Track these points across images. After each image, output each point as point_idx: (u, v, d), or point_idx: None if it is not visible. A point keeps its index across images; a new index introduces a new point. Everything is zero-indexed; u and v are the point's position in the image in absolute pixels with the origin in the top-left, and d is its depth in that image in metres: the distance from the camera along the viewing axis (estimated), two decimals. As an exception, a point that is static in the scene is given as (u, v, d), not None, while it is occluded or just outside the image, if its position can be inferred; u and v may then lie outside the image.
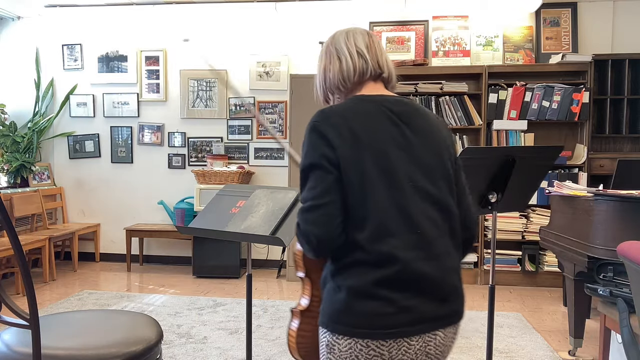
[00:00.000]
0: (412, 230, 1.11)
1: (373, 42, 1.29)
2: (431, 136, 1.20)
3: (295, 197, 1.91)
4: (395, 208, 1.11)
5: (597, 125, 4.66)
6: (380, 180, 1.11)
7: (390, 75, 1.31)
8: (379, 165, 1.12)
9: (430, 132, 1.21)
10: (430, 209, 1.14)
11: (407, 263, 1.09)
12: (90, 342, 1.40)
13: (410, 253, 1.10)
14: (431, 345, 1.12)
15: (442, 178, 1.18)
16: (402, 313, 1.08)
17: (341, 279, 1.12)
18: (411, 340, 1.09)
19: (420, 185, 1.14)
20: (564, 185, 3.04)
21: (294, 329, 1.29)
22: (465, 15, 4.89)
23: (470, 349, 3.09)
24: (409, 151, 1.16)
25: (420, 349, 1.11)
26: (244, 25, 5.18)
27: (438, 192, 1.16)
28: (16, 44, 5.41)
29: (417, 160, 1.16)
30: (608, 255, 2.52)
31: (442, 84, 4.68)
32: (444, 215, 1.16)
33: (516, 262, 4.58)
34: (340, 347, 1.11)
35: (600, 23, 4.76)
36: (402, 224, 1.11)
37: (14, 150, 5.05)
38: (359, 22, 5.00)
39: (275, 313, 3.73)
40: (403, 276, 1.09)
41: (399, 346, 1.09)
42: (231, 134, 5.26)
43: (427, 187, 1.15)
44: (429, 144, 1.19)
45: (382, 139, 1.14)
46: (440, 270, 1.13)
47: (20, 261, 1.24)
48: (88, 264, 5.30)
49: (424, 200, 1.14)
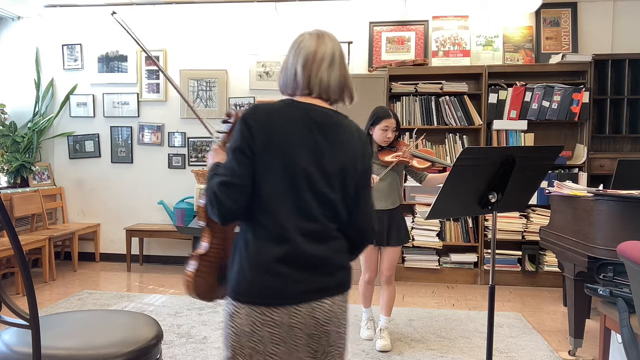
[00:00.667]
0: (303, 220, 1.34)
1: (314, 61, 1.43)
2: (341, 148, 1.40)
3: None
4: (291, 200, 1.33)
5: (597, 125, 4.66)
6: (283, 175, 1.33)
7: (324, 93, 1.44)
8: (284, 163, 1.33)
9: (342, 144, 1.40)
10: (321, 207, 1.36)
11: (297, 245, 1.32)
12: (90, 342, 1.40)
13: (300, 237, 1.33)
14: (318, 311, 1.36)
15: (339, 184, 1.39)
16: (292, 284, 1.32)
17: (245, 254, 1.34)
18: (299, 307, 1.33)
19: (318, 187, 1.35)
20: (564, 185, 3.04)
21: (192, 270, 1.47)
22: (465, 15, 4.89)
23: (470, 349, 3.09)
24: (316, 156, 1.35)
25: (307, 314, 1.34)
26: (244, 25, 5.17)
27: (332, 194, 1.37)
28: (16, 44, 5.41)
29: (321, 165, 1.35)
30: (608, 255, 2.52)
31: (442, 84, 4.68)
32: (331, 214, 1.38)
33: (516, 262, 4.58)
34: (240, 315, 1.33)
35: (600, 23, 4.76)
36: (296, 215, 1.33)
37: (14, 150, 5.05)
38: (359, 22, 5.01)
39: (275, 313, 3.73)
40: (294, 255, 1.32)
41: (288, 312, 1.32)
42: (231, 134, 5.25)
43: (323, 189, 1.36)
44: (337, 155, 1.38)
45: (294, 142, 1.34)
46: (326, 252, 1.37)
47: (20, 261, 1.24)
48: (88, 264, 5.30)
49: (315, 198, 1.35)
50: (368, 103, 3.19)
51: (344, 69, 1.47)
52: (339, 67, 1.45)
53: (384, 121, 2.95)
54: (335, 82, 1.45)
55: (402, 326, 3.49)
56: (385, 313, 3.14)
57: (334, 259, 1.39)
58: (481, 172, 1.99)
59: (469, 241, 4.66)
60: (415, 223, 4.63)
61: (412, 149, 3.02)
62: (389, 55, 4.97)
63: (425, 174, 3.08)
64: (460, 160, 1.90)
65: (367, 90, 4.53)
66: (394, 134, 3.00)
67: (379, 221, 2.97)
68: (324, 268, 1.37)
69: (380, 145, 3.03)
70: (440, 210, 2.05)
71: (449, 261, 4.69)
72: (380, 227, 2.99)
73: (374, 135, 3.00)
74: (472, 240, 4.65)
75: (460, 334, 3.34)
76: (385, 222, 3.00)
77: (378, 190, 2.96)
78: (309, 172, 1.34)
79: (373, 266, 3.12)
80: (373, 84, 4.56)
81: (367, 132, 3.00)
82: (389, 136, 2.97)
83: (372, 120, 3.01)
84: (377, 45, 5.00)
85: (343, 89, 1.47)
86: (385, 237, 3.01)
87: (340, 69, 1.46)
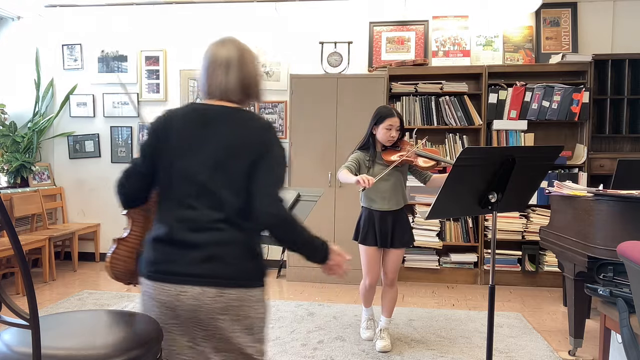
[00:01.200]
0: (182, 209, 1.49)
1: (213, 66, 1.57)
2: (230, 141, 1.50)
3: (295, 197, 1.91)
4: (174, 192, 1.51)
5: (597, 125, 4.66)
6: (170, 170, 1.51)
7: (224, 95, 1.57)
8: (171, 160, 1.51)
9: (232, 137, 1.50)
10: (201, 197, 1.48)
11: (173, 230, 1.48)
12: (90, 342, 1.40)
13: (177, 224, 1.48)
14: (185, 295, 1.45)
15: (224, 174, 1.49)
16: (165, 264, 1.48)
17: (148, 234, 1.58)
18: (166, 286, 1.47)
19: (199, 179, 1.48)
20: (564, 185, 3.04)
21: (110, 254, 1.63)
22: (465, 15, 4.89)
23: (470, 349, 3.09)
24: (202, 150, 1.49)
25: (174, 295, 1.46)
26: (244, 25, 5.17)
27: (213, 185, 1.48)
28: (16, 44, 5.41)
29: (205, 158, 1.49)
30: (608, 255, 2.52)
31: (442, 84, 4.69)
32: (214, 203, 1.48)
33: (516, 262, 4.58)
34: (142, 285, 1.55)
35: (600, 23, 4.76)
36: (176, 204, 1.50)
37: (14, 150, 5.05)
38: (359, 22, 5.01)
39: (275, 313, 3.73)
40: (169, 239, 1.48)
41: (158, 287, 1.48)
42: (231, 134, 5.25)
43: (205, 181, 1.48)
44: (224, 147, 1.49)
45: (184, 140, 1.51)
46: (204, 240, 1.46)
47: (20, 261, 1.24)
48: (88, 264, 5.30)
49: (196, 189, 1.48)
50: (368, 103, 3.19)
51: (244, 72, 1.58)
52: (237, 70, 1.57)
53: (387, 120, 2.88)
54: (234, 85, 1.56)
55: (402, 326, 3.49)
56: (386, 314, 3.13)
57: (212, 249, 1.46)
58: (481, 172, 1.99)
59: (469, 241, 4.66)
60: (415, 223, 4.63)
61: (416, 149, 2.94)
62: (389, 55, 4.97)
63: (430, 174, 3.00)
64: (460, 160, 1.90)
65: (367, 91, 4.53)
66: (398, 133, 2.92)
67: (382, 222, 2.93)
68: (199, 256, 1.45)
69: (384, 145, 2.96)
70: (440, 210, 2.05)
71: (449, 261, 4.69)
72: (384, 229, 2.93)
73: (378, 135, 2.93)
74: (472, 240, 4.65)
75: (460, 334, 3.34)
76: (390, 223, 2.94)
77: (382, 191, 2.92)
78: (192, 166, 1.49)
79: (375, 269, 3.02)
80: (373, 84, 4.56)
81: (370, 132, 2.96)
82: (392, 135, 2.89)
83: (375, 119, 2.93)
84: (377, 45, 5.00)
85: (244, 90, 1.58)
86: (389, 239, 2.94)
87: (239, 72, 1.57)
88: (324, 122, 4.61)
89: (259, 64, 1.66)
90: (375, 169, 2.90)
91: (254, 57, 1.64)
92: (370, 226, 2.95)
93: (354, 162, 2.91)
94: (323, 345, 3.12)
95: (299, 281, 4.69)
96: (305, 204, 1.91)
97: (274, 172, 1.54)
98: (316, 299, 4.14)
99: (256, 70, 1.63)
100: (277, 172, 1.55)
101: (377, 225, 2.94)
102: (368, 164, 2.93)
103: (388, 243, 2.95)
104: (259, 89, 1.65)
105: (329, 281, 4.64)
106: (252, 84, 1.61)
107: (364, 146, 2.99)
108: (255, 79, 1.62)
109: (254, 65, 1.63)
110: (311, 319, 3.61)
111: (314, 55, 4.99)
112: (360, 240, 3.00)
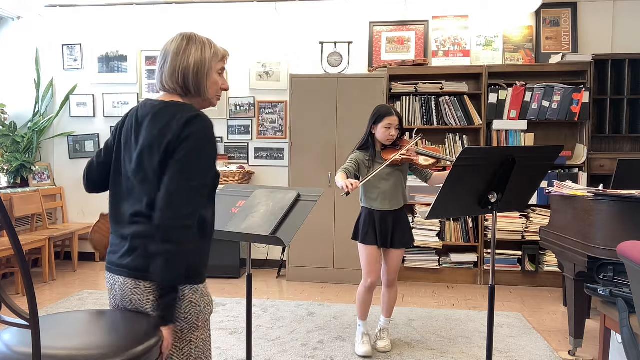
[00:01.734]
0: (118, 201, 1.58)
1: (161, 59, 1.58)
2: (151, 137, 1.49)
3: (295, 197, 1.91)
4: (113, 185, 1.61)
5: (597, 125, 4.66)
6: (116, 165, 1.60)
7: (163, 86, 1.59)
8: (117, 156, 1.60)
9: (153, 133, 1.49)
10: (129, 190, 1.54)
11: (116, 223, 1.58)
12: (90, 342, 1.40)
13: (118, 217, 1.57)
14: (116, 285, 1.55)
15: (143, 171, 1.50)
16: (110, 255, 1.58)
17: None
18: (108, 275, 1.59)
19: (129, 174, 1.54)
20: (564, 185, 3.04)
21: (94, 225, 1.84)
22: (465, 15, 4.89)
23: (470, 349, 3.09)
24: (134, 146, 1.53)
25: (111, 284, 1.57)
26: (244, 25, 5.18)
27: (136, 181, 1.51)
28: (16, 44, 5.40)
29: (133, 154, 1.52)
30: (608, 255, 2.52)
31: (442, 84, 4.69)
32: (137, 199, 1.52)
33: (516, 262, 4.58)
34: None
35: (600, 23, 4.76)
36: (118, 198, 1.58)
37: (14, 150, 5.05)
38: (359, 22, 5.01)
39: (275, 313, 3.73)
40: (115, 230, 1.58)
41: (107, 276, 1.60)
42: (231, 134, 5.26)
43: (131, 176, 1.53)
44: (146, 144, 1.49)
45: (125, 136, 1.58)
46: (123, 232, 1.53)
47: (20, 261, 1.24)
48: (88, 264, 5.30)
49: (128, 184, 1.55)
50: (368, 103, 3.18)
51: (180, 61, 1.54)
52: (171, 60, 1.55)
53: (386, 119, 2.85)
54: (168, 75, 1.56)
55: (402, 326, 3.49)
56: (386, 315, 3.12)
57: (130, 242, 1.50)
58: (481, 172, 1.99)
59: (469, 241, 4.66)
60: (415, 223, 4.63)
61: (416, 147, 2.92)
62: (389, 55, 4.97)
63: (431, 173, 2.99)
64: (460, 160, 1.90)
65: (367, 90, 4.53)
66: (398, 132, 2.89)
67: (383, 222, 2.92)
68: (126, 248, 1.52)
69: (383, 144, 2.94)
70: (440, 210, 2.05)
71: (449, 261, 4.69)
72: (384, 229, 2.92)
73: (377, 134, 2.91)
74: (472, 240, 4.65)
75: (460, 334, 3.34)
76: (390, 223, 2.92)
77: (383, 191, 2.90)
78: (125, 163, 1.56)
79: (375, 269, 2.97)
80: (373, 84, 4.56)
81: (369, 132, 2.94)
82: (392, 134, 2.87)
83: (374, 118, 2.91)
84: (377, 45, 5.00)
85: (179, 80, 1.55)
86: (389, 239, 2.92)
87: (172, 62, 1.55)
88: (324, 122, 4.60)
89: (206, 57, 1.57)
90: (375, 169, 2.90)
91: (200, 49, 1.56)
92: (371, 226, 2.94)
93: (353, 163, 2.89)
94: (323, 345, 3.12)
95: (299, 281, 4.69)
96: (305, 204, 1.91)
97: (182, 173, 1.45)
98: (316, 299, 4.14)
99: (198, 62, 1.55)
100: (186, 173, 1.45)
101: (377, 225, 2.92)
102: (368, 163, 2.92)
103: (388, 243, 2.93)
104: (200, 81, 1.56)
105: (329, 281, 4.64)
106: (188, 74, 1.54)
107: (363, 146, 2.97)
108: (194, 70, 1.55)
109: (197, 57, 1.55)
110: (311, 319, 3.61)
111: (314, 55, 4.99)
112: (361, 239, 2.97)
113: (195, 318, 1.55)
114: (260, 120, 5.23)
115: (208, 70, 1.58)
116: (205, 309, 1.58)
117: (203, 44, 1.58)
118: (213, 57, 1.60)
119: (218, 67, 1.62)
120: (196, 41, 1.57)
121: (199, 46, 1.57)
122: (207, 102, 1.65)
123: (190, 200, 1.44)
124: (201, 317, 1.56)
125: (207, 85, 1.60)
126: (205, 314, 1.58)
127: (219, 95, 1.68)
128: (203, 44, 1.58)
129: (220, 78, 1.65)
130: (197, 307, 1.55)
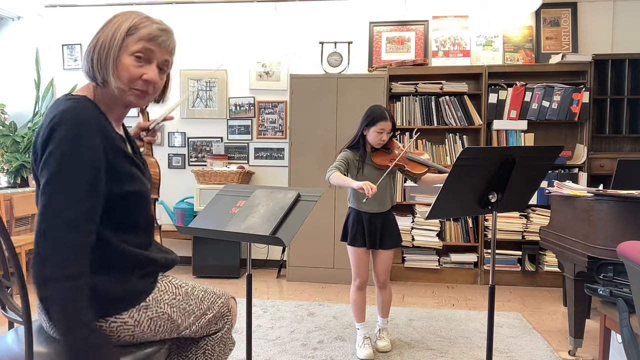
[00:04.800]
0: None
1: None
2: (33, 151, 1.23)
3: (295, 197, 1.91)
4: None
5: (597, 125, 4.66)
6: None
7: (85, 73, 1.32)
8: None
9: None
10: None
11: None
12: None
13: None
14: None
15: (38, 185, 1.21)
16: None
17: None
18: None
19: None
20: (564, 185, 3.04)
21: None
22: (465, 15, 4.89)
23: (470, 349, 3.09)
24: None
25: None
26: (244, 25, 5.18)
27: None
28: (16, 44, 5.41)
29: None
30: (608, 255, 2.52)
31: (442, 84, 4.68)
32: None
33: (516, 262, 4.58)
34: None
35: (600, 23, 4.76)
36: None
37: (14, 150, 5.05)
38: (359, 22, 5.01)
39: (275, 313, 3.73)
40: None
41: None
42: (231, 134, 5.26)
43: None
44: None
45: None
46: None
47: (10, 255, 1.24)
48: (88, 264, 5.29)
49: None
50: (368, 103, 3.16)
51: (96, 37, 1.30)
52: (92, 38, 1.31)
53: (380, 123, 2.79)
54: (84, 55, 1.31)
55: (402, 326, 3.49)
56: (383, 315, 3.11)
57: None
58: (481, 172, 1.99)
59: (469, 241, 4.66)
60: (415, 223, 4.63)
61: (407, 152, 2.87)
62: (389, 55, 4.97)
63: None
64: (460, 160, 1.90)
65: (367, 90, 4.53)
66: (389, 137, 2.86)
67: (371, 224, 2.89)
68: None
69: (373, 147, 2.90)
70: (440, 210, 2.05)
71: (449, 261, 4.69)
72: (372, 230, 2.89)
73: (368, 136, 2.86)
74: (472, 240, 4.65)
75: (460, 334, 3.34)
76: (378, 225, 2.89)
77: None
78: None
79: (364, 269, 2.96)
80: (373, 84, 4.56)
81: (360, 133, 2.90)
82: (383, 139, 2.83)
83: (367, 121, 2.84)
84: (377, 45, 5.00)
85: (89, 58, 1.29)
86: (378, 240, 2.90)
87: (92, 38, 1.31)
88: (324, 122, 4.60)
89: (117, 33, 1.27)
90: (365, 170, 2.87)
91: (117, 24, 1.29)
92: (359, 227, 2.90)
93: (343, 162, 2.85)
94: (323, 345, 3.12)
95: (299, 281, 4.69)
96: (305, 204, 1.91)
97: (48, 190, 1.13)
98: (316, 299, 4.14)
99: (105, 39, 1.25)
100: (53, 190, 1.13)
101: (365, 226, 2.89)
102: (357, 164, 2.87)
103: (377, 244, 2.91)
104: (105, 64, 1.24)
105: (329, 281, 4.64)
106: (94, 55, 1.25)
107: (353, 146, 2.93)
108: (100, 49, 1.25)
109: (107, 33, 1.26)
110: (311, 319, 3.61)
111: (314, 55, 4.99)
112: (350, 241, 2.93)
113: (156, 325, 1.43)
114: (260, 120, 5.23)
115: (116, 49, 1.24)
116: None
117: (125, 19, 1.28)
118: (128, 34, 1.26)
119: (134, 47, 1.27)
120: (121, 16, 1.30)
121: (118, 21, 1.28)
122: (120, 96, 1.28)
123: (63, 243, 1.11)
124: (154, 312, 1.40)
125: (115, 70, 1.25)
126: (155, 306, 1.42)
127: (137, 88, 1.28)
128: (125, 19, 1.28)
129: (138, 63, 1.28)
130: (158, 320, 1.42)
